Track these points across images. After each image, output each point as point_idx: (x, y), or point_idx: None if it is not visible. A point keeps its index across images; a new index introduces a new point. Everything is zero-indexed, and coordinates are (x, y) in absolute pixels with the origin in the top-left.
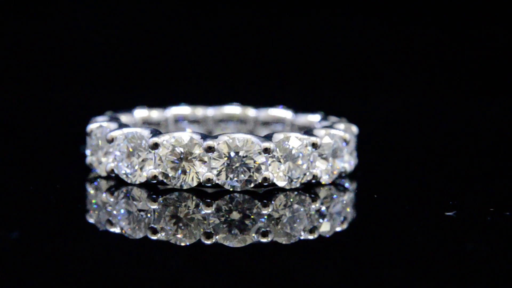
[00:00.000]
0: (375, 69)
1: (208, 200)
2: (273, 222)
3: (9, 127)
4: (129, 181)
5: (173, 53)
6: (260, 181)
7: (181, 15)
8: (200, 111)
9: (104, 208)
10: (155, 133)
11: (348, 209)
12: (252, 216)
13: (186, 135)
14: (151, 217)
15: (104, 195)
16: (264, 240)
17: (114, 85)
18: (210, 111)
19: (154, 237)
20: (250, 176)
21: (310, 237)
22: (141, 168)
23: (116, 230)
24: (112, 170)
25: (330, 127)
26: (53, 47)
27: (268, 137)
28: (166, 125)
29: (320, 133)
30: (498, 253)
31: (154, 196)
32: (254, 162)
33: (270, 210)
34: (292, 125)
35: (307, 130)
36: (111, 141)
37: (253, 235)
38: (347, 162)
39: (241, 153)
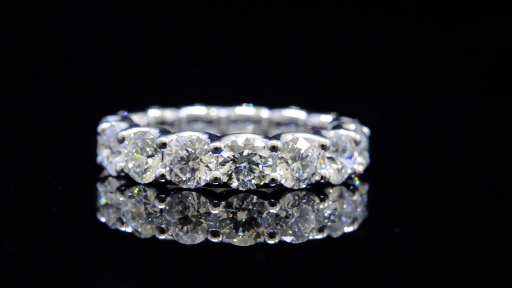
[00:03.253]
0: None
1: (162, 196)
2: (220, 222)
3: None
4: (111, 173)
5: (182, 53)
6: (209, 181)
7: (186, 16)
8: (262, 112)
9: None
10: (128, 127)
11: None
12: (200, 215)
13: (145, 130)
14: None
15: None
16: (215, 240)
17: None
18: (266, 113)
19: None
20: (197, 174)
21: (271, 241)
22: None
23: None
24: (101, 163)
25: (312, 132)
26: (64, 48)
27: (220, 137)
28: (228, 124)
29: (286, 137)
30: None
31: (123, 188)
32: (201, 160)
33: (219, 210)
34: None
35: (276, 134)
36: (99, 133)
37: (204, 234)
38: (326, 169)
39: (190, 151)
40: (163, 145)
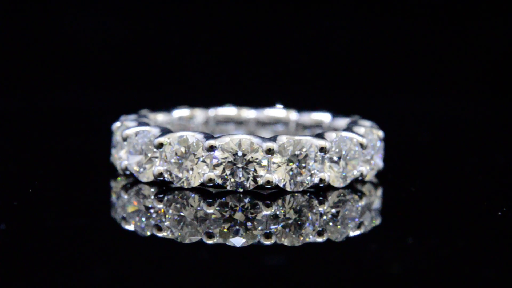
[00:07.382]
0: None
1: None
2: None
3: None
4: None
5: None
6: (155, 177)
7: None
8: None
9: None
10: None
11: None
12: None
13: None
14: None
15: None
16: (159, 234)
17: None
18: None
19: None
20: (145, 166)
21: (210, 242)
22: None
23: None
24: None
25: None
26: (68, 49)
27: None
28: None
29: (224, 139)
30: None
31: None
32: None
33: (161, 206)
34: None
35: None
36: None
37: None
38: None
39: (136, 144)
40: (125, 139)
